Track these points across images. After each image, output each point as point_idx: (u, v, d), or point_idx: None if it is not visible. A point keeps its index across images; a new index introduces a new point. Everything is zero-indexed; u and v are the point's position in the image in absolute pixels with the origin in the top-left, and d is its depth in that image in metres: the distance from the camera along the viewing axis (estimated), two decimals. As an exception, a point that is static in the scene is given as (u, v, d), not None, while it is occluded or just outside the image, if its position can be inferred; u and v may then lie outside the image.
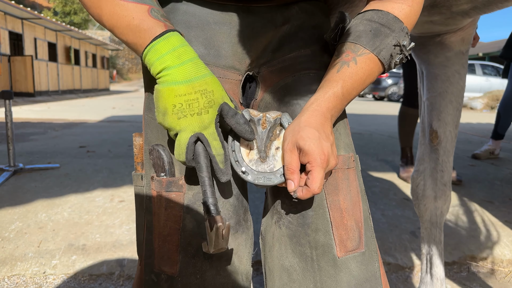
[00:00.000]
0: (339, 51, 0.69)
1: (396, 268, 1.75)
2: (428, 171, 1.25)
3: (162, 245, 0.68)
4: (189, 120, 0.59)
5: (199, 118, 0.60)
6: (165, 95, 0.59)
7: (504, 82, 12.79)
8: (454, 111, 1.20)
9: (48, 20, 15.49)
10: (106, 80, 26.11)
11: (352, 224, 0.68)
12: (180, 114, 0.59)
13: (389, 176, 3.22)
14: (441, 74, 1.19)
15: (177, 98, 0.59)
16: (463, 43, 1.18)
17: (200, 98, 0.60)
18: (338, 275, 0.66)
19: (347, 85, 0.65)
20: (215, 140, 0.61)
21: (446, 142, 1.21)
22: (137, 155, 0.75)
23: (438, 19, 1.08)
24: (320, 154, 0.59)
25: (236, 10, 0.72)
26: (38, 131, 5.50)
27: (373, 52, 0.65)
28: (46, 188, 2.65)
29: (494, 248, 1.93)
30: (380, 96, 16.99)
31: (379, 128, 6.61)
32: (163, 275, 0.67)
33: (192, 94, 0.59)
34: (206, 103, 0.60)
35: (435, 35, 1.19)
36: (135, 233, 1.97)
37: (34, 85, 14.83)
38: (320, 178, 0.59)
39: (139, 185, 0.74)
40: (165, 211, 0.67)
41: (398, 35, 0.66)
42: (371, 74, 0.67)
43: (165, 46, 0.60)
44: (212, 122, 0.61)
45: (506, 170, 3.51)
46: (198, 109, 0.59)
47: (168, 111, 0.59)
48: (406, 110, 3.15)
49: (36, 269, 1.62)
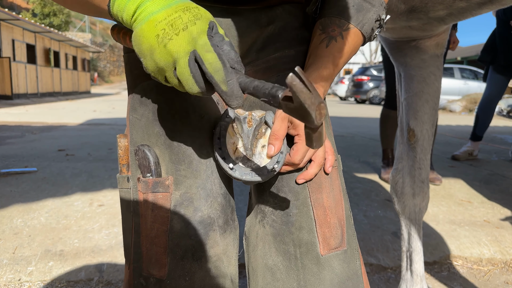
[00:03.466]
0: (324, 25, 0.70)
1: (379, 268, 1.75)
2: (407, 169, 1.27)
3: (149, 247, 0.67)
4: (176, 41, 0.51)
5: (186, 33, 0.51)
6: (146, 31, 0.51)
7: (481, 85, 13.12)
8: (431, 110, 1.23)
9: (27, 22, 15.15)
10: (87, 83, 25.70)
11: (335, 222, 0.69)
12: (165, 40, 0.51)
13: (371, 178, 3.25)
14: (417, 75, 1.22)
15: (157, 26, 0.51)
16: (437, 47, 1.22)
17: (182, 15, 0.51)
18: (321, 273, 0.66)
19: (336, 59, 0.67)
20: (208, 53, 0.51)
21: (423, 140, 1.23)
22: (122, 157, 0.73)
23: (416, 25, 1.10)
24: None
25: (221, 11, 0.71)
26: (15, 134, 5.35)
27: (357, 26, 0.67)
28: (22, 193, 2.57)
29: (474, 247, 1.96)
30: (362, 99, 17.19)
31: (361, 130, 6.68)
32: (152, 279, 0.66)
33: (173, 15, 0.51)
34: (191, 17, 0.52)
35: (411, 40, 1.22)
36: (114, 237, 1.93)
37: (12, 87, 14.47)
38: (303, 151, 0.62)
39: (125, 188, 0.72)
40: (152, 213, 0.66)
41: (378, 9, 0.68)
42: (355, 47, 0.70)
43: None
44: (203, 32, 0.52)
45: (484, 171, 3.58)
46: (182, 25, 0.51)
47: (153, 45, 0.51)
48: (387, 112, 3.20)
49: (11, 276, 1.57)
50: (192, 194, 0.67)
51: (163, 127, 0.68)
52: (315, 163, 0.67)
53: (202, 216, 0.67)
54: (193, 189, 0.67)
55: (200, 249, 0.67)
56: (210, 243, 0.67)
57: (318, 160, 0.67)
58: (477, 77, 14.24)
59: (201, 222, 0.67)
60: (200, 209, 0.67)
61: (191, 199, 0.67)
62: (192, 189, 0.67)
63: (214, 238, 0.68)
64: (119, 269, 1.65)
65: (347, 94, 18.35)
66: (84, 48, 24.94)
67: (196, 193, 0.67)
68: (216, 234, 0.68)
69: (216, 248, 0.68)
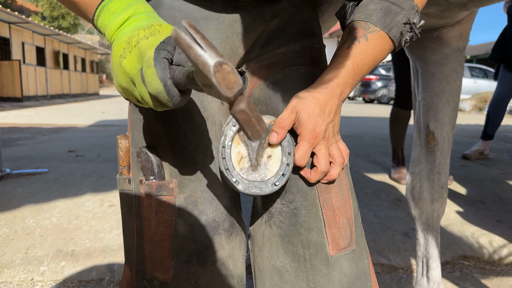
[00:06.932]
0: (350, 28, 0.69)
1: (390, 269, 1.74)
2: (425, 173, 1.22)
3: (153, 251, 0.65)
4: (129, 58, 0.49)
5: (136, 49, 0.49)
6: (113, 51, 0.53)
7: (491, 84, 12.99)
8: (451, 112, 1.16)
9: (36, 24, 15.32)
10: (95, 85, 25.89)
11: (344, 221, 0.68)
12: (121, 58, 0.50)
13: (381, 177, 3.23)
14: (438, 72, 1.15)
15: (121, 45, 0.51)
16: (461, 38, 1.14)
17: (141, 32, 0.50)
18: (330, 274, 0.65)
19: (357, 60, 0.65)
20: (149, 68, 0.46)
21: (443, 144, 1.17)
22: (123, 158, 0.71)
23: (434, 11, 1.03)
24: (311, 130, 0.62)
25: (223, 5, 0.70)
26: (25, 136, 5.41)
27: (384, 29, 0.66)
28: (34, 193, 2.60)
29: (486, 247, 1.93)
30: (370, 98, 17.11)
31: (370, 130, 6.64)
32: (155, 282, 0.65)
33: (133, 32, 0.51)
34: (148, 33, 0.50)
35: (432, 30, 1.14)
36: (125, 237, 1.94)
37: (22, 90, 14.63)
38: (304, 151, 0.62)
39: (126, 189, 0.70)
40: (155, 216, 0.65)
41: (409, 13, 0.66)
42: (381, 51, 0.67)
43: (119, 3, 0.55)
44: (152, 46, 0.47)
45: (496, 170, 3.54)
46: (136, 41, 0.49)
47: (116, 65, 0.51)
48: (397, 111, 3.17)
49: (23, 276, 1.58)
50: (196, 197, 0.66)
51: (166, 128, 0.66)
52: (336, 164, 0.65)
53: (207, 219, 0.66)
54: (198, 192, 0.66)
55: (205, 253, 0.65)
56: (216, 246, 0.66)
57: (338, 161, 0.65)
58: (487, 75, 14.09)
59: (206, 226, 0.66)
60: (205, 212, 0.66)
61: (196, 203, 0.66)
62: (197, 193, 0.66)
63: (220, 241, 0.67)
64: (130, 269, 1.66)
65: (355, 93, 18.28)
66: (92, 50, 25.14)
67: (200, 197, 0.66)
68: (221, 237, 0.67)
69: (222, 252, 0.67)
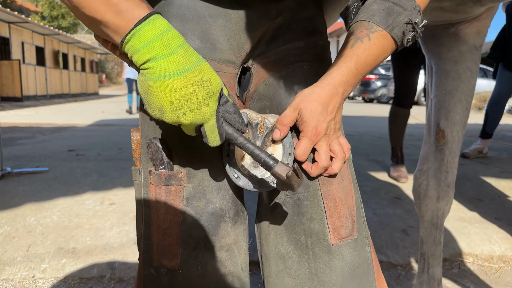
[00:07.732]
0: (354, 28, 0.70)
1: (388, 266, 1.75)
2: (432, 171, 1.22)
3: (162, 238, 0.68)
4: (190, 117, 0.56)
5: (199, 113, 0.56)
6: (159, 91, 0.54)
7: (490, 83, 12.99)
8: (463, 111, 1.14)
9: (36, 24, 15.31)
10: (95, 84, 25.87)
11: (345, 212, 0.70)
12: (179, 112, 0.55)
13: (380, 176, 3.24)
14: (452, 70, 1.13)
15: (172, 94, 0.54)
16: (478, 36, 1.12)
17: (198, 91, 0.55)
18: (332, 261, 0.68)
19: (360, 60, 0.67)
20: (213, 134, 0.59)
21: (453, 143, 1.16)
22: (135, 150, 0.75)
23: (448, 5, 1.02)
24: (313, 128, 0.64)
25: (231, 3, 0.71)
26: (26, 135, 5.42)
27: (386, 29, 0.67)
28: (35, 192, 2.61)
29: (485, 245, 1.95)
30: (370, 98, 17.10)
31: (369, 129, 6.65)
32: (162, 269, 0.68)
33: (188, 87, 0.55)
34: (205, 94, 0.56)
35: (449, 25, 1.12)
36: (125, 235, 1.95)
37: (22, 89, 14.63)
38: (305, 147, 0.65)
39: (138, 180, 0.74)
40: (164, 205, 0.68)
41: (411, 13, 0.67)
42: (384, 51, 0.69)
43: (151, 31, 0.53)
44: (213, 114, 0.58)
45: (494, 169, 3.55)
46: (197, 104, 0.56)
47: (165, 108, 0.55)
48: (396, 110, 3.18)
49: (25, 273, 1.59)
50: (204, 187, 0.69)
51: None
52: (337, 159, 0.68)
53: (214, 208, 0.69)
54: (206, 182, 0.69)
55: (212, 240, 0.69)
56: (222, 233, 0.70)
57: (340, 155, 0.67)
58: (486, 74, 14.10)
59: (213, 214, 0.69)
60: (212, 201, 0.69)
61: (204, 192, 0.69)
62: (205, 182, 0.69)
63: (226, 229, 0.70)
64: (131, 266, 1.67)
65: (354, 93, 18.25)
66: (92, 50, 25.12)
67: (208, 186, 0.69)
68: (227, 225, 0.70)
69: (227, 239, 0.70)
